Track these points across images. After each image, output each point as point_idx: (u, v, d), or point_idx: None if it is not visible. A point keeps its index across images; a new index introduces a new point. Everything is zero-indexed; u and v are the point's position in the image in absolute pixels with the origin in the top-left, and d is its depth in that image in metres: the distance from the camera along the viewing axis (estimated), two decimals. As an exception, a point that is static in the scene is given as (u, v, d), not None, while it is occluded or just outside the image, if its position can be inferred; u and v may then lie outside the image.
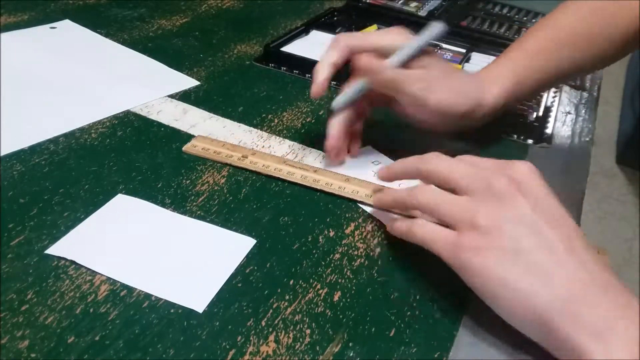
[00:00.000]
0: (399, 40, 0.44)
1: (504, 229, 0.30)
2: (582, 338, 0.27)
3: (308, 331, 0.32)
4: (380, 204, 0.40)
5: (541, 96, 0.62)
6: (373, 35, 0.45)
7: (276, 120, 0.53)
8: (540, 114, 0.58)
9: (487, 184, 0.32)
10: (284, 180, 0.44)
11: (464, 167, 0.34)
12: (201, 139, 0.48)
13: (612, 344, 0.27)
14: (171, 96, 0.55)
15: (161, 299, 0.33)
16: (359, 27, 0.76)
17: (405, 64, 0.43)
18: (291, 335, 0.32)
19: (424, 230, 0.34)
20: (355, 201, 0.43)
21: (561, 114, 0.62)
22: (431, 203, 0.34)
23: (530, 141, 0.55)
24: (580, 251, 0.30)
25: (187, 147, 0.47)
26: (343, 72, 0.62)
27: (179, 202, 0.41)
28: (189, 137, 0.48)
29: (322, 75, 0.44)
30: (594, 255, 0.30)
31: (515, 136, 0.55)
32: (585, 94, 0.68)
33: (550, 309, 0.28)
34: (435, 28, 0.43)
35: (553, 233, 0.30)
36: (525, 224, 0.30)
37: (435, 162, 0.35)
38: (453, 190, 0.34)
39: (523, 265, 0.30)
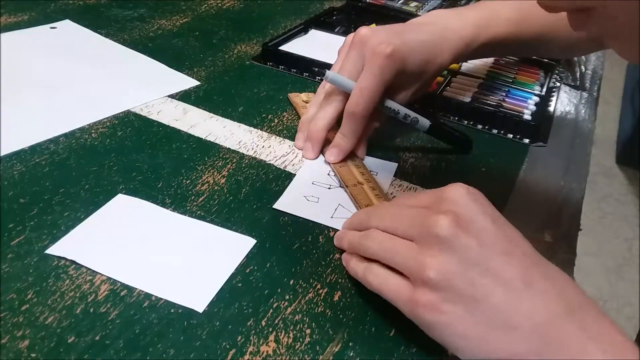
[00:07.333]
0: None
1: (453, 280, 0.29)
2: None
3: (308, 331, 0.32)
4: (338, 246, 0.38)
5: (537, 95, 0.62)
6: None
7: (276, 120, 0.53)
8: (536, 112, 0.58)
9: (427, 230, 0.30)
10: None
11: (406, 214, 0.33)
12: (306, 95, 0.56)
13: None
14: (171, 96, 0.55)
15: (161, 299, 0.33)
16: (358, 26, 0.75)
17: None
18: (291, 335, 0.32)
19: (379, 281, 0.32)
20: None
21: (561, 114, 0.62)
22: (380, 252, 0.32)
23: (526, 140, 0.55)
24: (537, 280, 0.28)
25: (291, 95, 0.56)
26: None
27: (179, 202, 0.41)
28: (189, 137, 0.49)
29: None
30: (554, 278, 0.29)
31: (511, 135, 0.55)
32: (585, 94, 0.68)
33: (516, 355, 0.27)
34: None
35: (506, 266, 0.28)
36: (474, 264, 0.29)
37: (379, 215, 0.34)
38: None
39: (479, 314, 0.28)
